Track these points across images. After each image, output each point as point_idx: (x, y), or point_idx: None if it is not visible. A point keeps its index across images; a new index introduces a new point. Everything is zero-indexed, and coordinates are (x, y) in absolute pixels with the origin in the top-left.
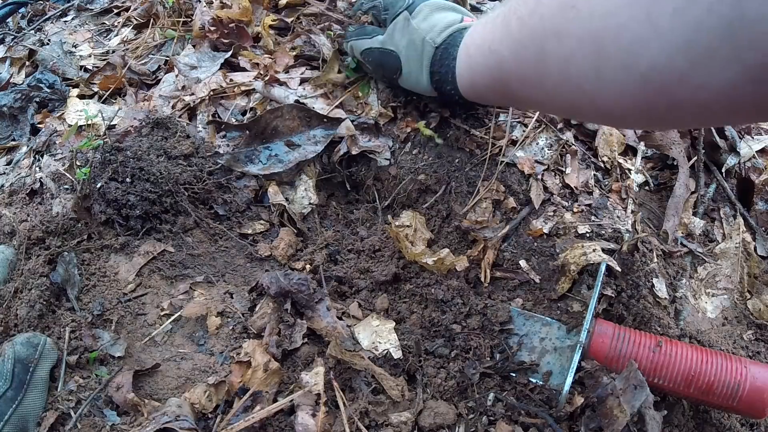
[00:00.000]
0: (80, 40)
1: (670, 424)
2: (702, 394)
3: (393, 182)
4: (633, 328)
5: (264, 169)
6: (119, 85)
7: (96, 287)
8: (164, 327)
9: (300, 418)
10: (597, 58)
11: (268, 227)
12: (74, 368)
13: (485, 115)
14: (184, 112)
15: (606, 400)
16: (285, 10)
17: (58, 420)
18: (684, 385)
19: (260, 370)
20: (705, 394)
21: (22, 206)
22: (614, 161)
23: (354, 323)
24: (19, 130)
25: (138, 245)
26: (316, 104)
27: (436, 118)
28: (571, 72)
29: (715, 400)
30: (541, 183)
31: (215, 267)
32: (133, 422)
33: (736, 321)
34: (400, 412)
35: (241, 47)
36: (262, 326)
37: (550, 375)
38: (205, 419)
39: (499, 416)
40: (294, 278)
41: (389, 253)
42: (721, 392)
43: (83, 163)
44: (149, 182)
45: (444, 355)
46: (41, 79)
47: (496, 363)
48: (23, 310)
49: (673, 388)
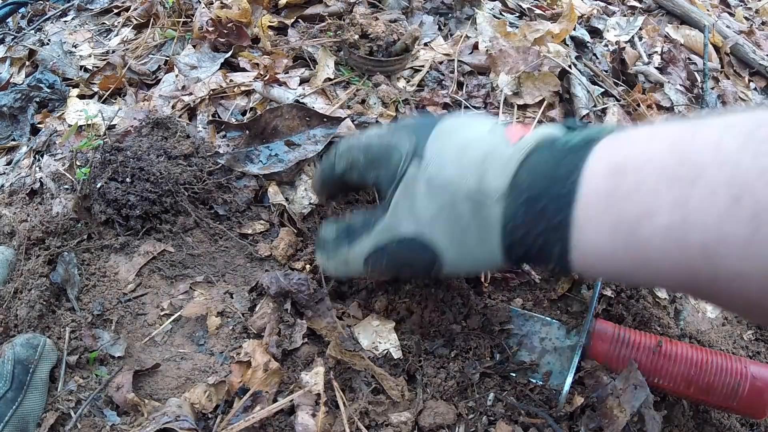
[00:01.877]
0: (80, 40)
1: (670, 424)
2: (702, 394)
3: None
4: (633, 329)
5: (264, 168)
6: (119, 85)
7: (96, 287)
8: (164, 327)
9: (300, 418)
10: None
11: (268, 227)
12: (74, 368)
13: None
14: (184, 112)
15: (606, 400)
16: (285, 10)
17: (58, 420)
18: (684, 385)
19: (260, 370)
20: (705, 394)
21: (22, 206)
22: None
23: (354, 323)
24: (19, 130)
25: (138, 245)
26: (316, 104)
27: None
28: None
29: (715, 399)
30: None
31: (215, 267)
32: (133, 422)
33: (736, 321)
34: (400, 412)
35: (240, 48)
36: (262, 326)
37: (550, 375)
38: (205, 419)
39: (499, 416)
40: (294, 278)
41: None
42: (721, 392)
43: (83, 163)
44: (149, 182)
45: (444, 355)
46: (41, 79)
47: (496, 363)
48: (23, 310)
49: (674, 387)
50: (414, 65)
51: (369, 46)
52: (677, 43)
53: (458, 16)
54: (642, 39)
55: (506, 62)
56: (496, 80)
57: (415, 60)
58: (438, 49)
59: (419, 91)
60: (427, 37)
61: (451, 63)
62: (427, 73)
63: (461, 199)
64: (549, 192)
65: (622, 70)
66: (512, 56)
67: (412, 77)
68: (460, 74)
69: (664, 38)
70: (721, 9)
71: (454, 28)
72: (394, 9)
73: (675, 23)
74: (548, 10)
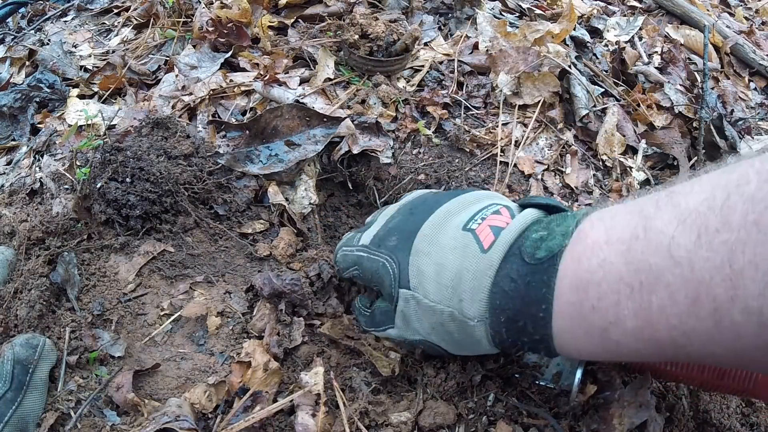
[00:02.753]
0: (80, 40)
1: (670, 424)
2: (717, 378)
3: (393, 182)
4: None
5: (264, 168)
6: (119, 85)
7: (96, 287)
8: (164, 327)
9: (300, 418)
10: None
11: (268, 227)
12: (74, 368)
13: (485, 115)
14: (184, 112)
15: (611, 405)
16: (285, 10)
17: (58, 420)
18: (698, 370)
19: (260, 370)
20: (719, 378)
21: (22, 206)
22: (615, 160)
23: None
24: (19, 130)
25: (138, 245)
26: (316, 104)
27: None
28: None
29: (731, 383)
30: (541, 183)
31: (215, 267)
32: (133, 422)
33: None
34: (400, 412)
35: (240, 48)
36: (262, 328)
37: (561, 375)
38: (205, 419)
39: (500, 416)
40: (287, 278)
41: None
42: (737, 375)
43: (83, 163)
44: (149, 182)
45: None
46: (41, 79)
47: (498, 366)
48: (23, 310)
49: (688, 373)
50: (414, 65)
51: (369, 46)
52: (677, 43)
53: (458, 16)
54: (642, 39)
55: (506, 62)
56: (495, 80)
57: (415, 60)
58: (438, 49)
59: (419, 91)
60: (427, 37)
61: (451, 63)
62: (427, 73)
63: (447, 320)
64: (526, 313)
65: (622, 70)
66: (512, 56)
67: (412, 77)
68: (460, 74)
69: (664, 38)
70: (721, 9)
71: (454, 28)
72: (394, 9)
73: (675, 23)
74: (548, 10)
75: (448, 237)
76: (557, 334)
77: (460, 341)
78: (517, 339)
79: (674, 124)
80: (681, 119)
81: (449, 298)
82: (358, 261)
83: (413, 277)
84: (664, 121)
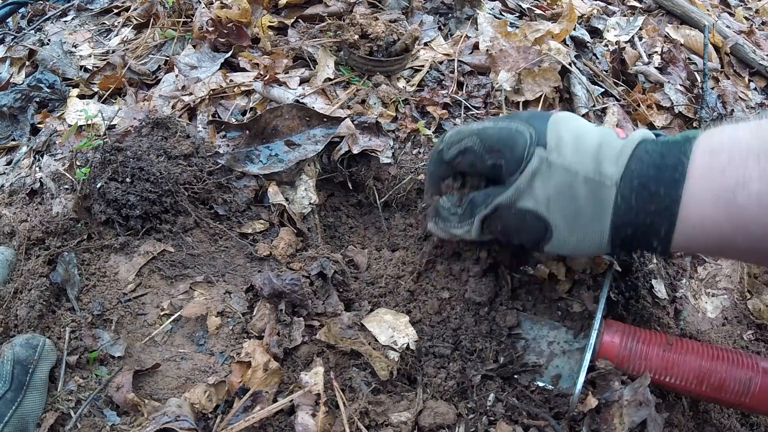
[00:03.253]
0: (80, 40)
1: (670, 424)
2: (714, 392)
3: (393, 182)
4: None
5: (264, 168)
6: (119, 85)
7: (96, 287)
8: (164, 327)
9: (300, 418)
10: None
11: (268, 227)
12: (74, 368)
13: (485, 115)
14: (184, 112)
15: (611, 406)
16: (285, 10)
17: (58, 420)
18: (696, 383)
19: (260, 370)
20: (717, 391)
21: (22, 206)
22: None
23: (365, 314)
24: (19, 130)
25: (138, 245)
26: (316, 104)
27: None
28: None
29: (728, 396)
30: None
31: (215, 267)
32: (133, 422)
33: (736, 321)
34: (400, 412)
35: (240, 48)
36: (262, 328)
37: (560, 378)
38: (205, 419)
39: (500, 416)
40: (287, 278)
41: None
42: (733, 389)
43: (83, 163)
44: (149, 182)
45: (444, 355)
46: (41, 79)
47: (499, 366)
48: (23, 310)
49: (685, 386)
50: (414, 65)
51: (369, 46)
52: (677, 43)
53: (458, 16)
54: (642, 39)
55: (506, 62)
56: (496, 80)
57: (415, 60)
58: (438, 49)
59: (419, 91)
60: (427, 37)
61: (451, 63)
62: (427, 73)
63: (580, 182)
64: (660, 177)
65: (622, 69)
66: (512, 56)
67: (412, 77)
68: (460, 74)
69: (664, 38)
70: (721, 9)
71: (454, 28)
72: (394, 9)
73: (675, 23)
74: (548, 10)
75: (584, 122)
76: (685, 203)
77: (580, 209)
78: (642, 209)
79: (674, 124)
80: (681, 119)
81: (587, 161)
82: (480, 132)
83: (551, 140)
84: (664, 121)
